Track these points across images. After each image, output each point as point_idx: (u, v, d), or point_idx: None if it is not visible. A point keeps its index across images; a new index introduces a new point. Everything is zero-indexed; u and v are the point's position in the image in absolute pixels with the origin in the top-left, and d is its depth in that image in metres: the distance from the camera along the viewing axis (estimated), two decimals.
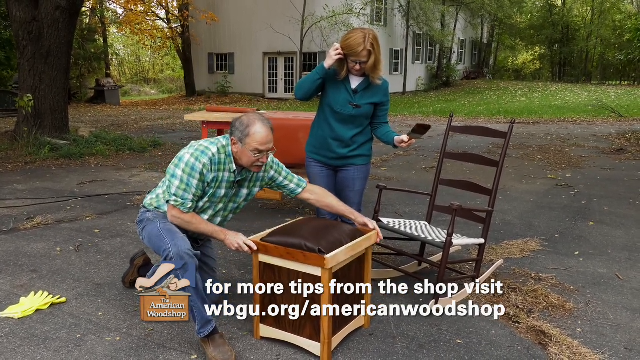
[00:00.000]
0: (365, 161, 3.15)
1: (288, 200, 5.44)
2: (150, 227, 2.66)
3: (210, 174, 2.56)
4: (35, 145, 8.09)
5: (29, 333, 2.68)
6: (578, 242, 4.16)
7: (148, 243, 2.68)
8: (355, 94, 2.99)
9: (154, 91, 33.82)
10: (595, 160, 7.85)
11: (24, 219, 4.68)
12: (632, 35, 12.54)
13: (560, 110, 16.46)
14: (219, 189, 2.64)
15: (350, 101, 2.98)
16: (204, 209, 2.68)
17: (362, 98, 2.99)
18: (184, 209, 2.56)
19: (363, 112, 3.01)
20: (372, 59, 2.85)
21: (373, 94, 3.01)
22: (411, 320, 2.83)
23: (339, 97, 2.99)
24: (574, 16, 36.54)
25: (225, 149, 2.60)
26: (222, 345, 2.45)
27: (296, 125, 4.52)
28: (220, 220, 2.78)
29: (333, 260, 2.35)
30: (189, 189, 2.53)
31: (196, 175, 2.52)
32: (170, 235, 2.53)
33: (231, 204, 2.78)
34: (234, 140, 2.55)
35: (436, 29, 25.16)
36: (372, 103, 3.02)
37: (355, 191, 3.15)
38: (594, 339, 2.66)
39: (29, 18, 8.17)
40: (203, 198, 2.63)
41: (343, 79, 2.99)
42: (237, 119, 2.57)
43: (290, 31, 22.00)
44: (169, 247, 2.46)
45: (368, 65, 2.88)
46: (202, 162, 2.52)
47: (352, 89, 2.99)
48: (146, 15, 22.36)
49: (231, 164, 2.61)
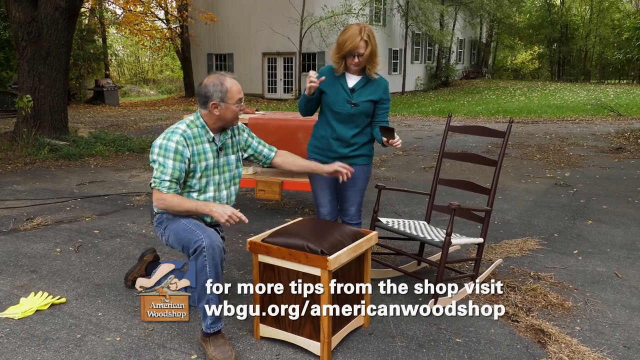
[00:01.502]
0: (367, 161, 3.15)
1: (287, 201, 5.45)
2: (174, 225, 2.64)
3: (187, 148, 2.61)
4: (35, 146, 8.09)
5: (29, 333, 2.68)
6: (577, 241, 4.16)
7: (175, 240, 2.64)
8: (353, 93, 2.99)
9: (153, 92, 33.81)
10: (594, 159, 7.86)
11: (23, 219, 4.69)
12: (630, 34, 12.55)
13: (559, 109, 16.47)
14: (206, 160, 2.68)
15: (348, 100, 2.99)
16: (205, 185, 2.71)
17: (360, 96, 2.99)
18: (162, 188, 2.57)
19: (362, 110, 3.00)
20: (369, 49, 2.87)
21: (371, 91, 3.01)
22: (410, 320, 2.84)
23: (337, 97, 3.01)
24: (572, 15, 36.55)
25: (195, 122, 2.69)
26: (222, 345, 2.45)
27: (295, 125, 4.53)
28: (225, 193, 2.81)
29: (335, 261, 2.36)
30: (166, 169, 2.58)
31: (170, 154, 2.58)
32: (200, 228, 2.54)
33: (226, 173, 2.81)
34: (215, 103, 2.61)
35: (435, 28, 25.17)
36: (371, 100, 3.01)
37: (356, 190, 3.15)
38: (593, 337, 2.66)
39: (28, 19, 8.17)
40: (196, 175, 2.66)
41: (340, 79, 3.01)
42: (204, 86, 2.64)
43: (289, 31, 22.01)
44: (201, 238, 2.46)
45: (364, 57, 2.89)
46: (174, 141, 2.59)
47: (349, 88, 3.00)
48: (145, 16, 22.35)
49: (208, 134, 2.68)
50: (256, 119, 4.59)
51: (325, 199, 3.19)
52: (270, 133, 4.55)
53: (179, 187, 2.63)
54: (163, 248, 3.90)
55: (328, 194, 3.19)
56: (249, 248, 2.54)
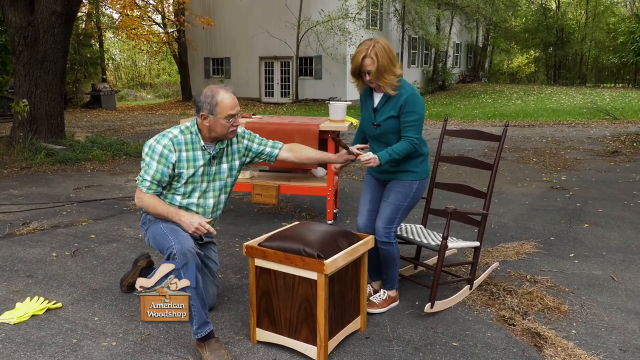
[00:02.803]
0: (411, 177, 2.94)
1: (284, 205, 5.45)
2: (153, 228, 2.70)
3: (173, 154, 2.63)
4: (31, 151, 8.07)
5: (25, 338, 2.67)
6: (573, 244, 4.18)
7: (153, 243, 2.71)
8: (376, 112, 2.92)
9: (150, 96, 33.79)
10: (590, 163, 7.88)
11: (19, 224, 4.67)
12: (625, 38, 12.59)
13: (555, 113, 16.53)
14: (194, 168, 2.69)
15: (372, 122, 2.93)
16: (190, 191, 2.73)
17: (382, 115, 2.88)
18: (142, 187, 2.65)
19: (386, 129, 2.88)
20: (375, 66, 2.74)
21: (391, 107, 2.85)
22: (407, 323, 2.84)
23: (365, 118, 3.00)
24: (568, 19, 36.74)
25: (190, 129, 2.71)
26: (218, 349, 2.45)
27: (292, 129, 4.53)
28: (213, 201, 2.82)
29: (332, 265, 2.36)
30: (149, 170, 2.64)
31: (156, 156, 2.62)
32: (174, 233, 2.56)
33: (217, 182, 2.81)
34: (204, 114, 2.63)
35: (431, 32, 25.26)
36: (392, 117, 2.85)
37: (387, 202, 2.94)
38: (589, 341, 2.67)
39: (24, 23, 8.17)
40: (181, 180, 2.68)
41: (369, 99, 2.97)
42: (199, 95, 2.66)
43: (286, 36, 22.05)
44: (172, 245, 2.49)
45: (372, 74, 2.77)
46: (162, 144, 2.63)
47: (373, 108, 2.94)
48: (142, 20, 22.35)
49: (200, 142, 2.69)
50: (253, 123, 4.60)
51: (364, 207, 3.06)
52: (266, 137, 4.55)
53: (160, 189, 2.68)
54: (157, 253, 3.89)
55: (369, 202, 3.06)
56: (245, 252, 2.54)
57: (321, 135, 4.58)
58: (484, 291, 3.24)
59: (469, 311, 2.99)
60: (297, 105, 21.23)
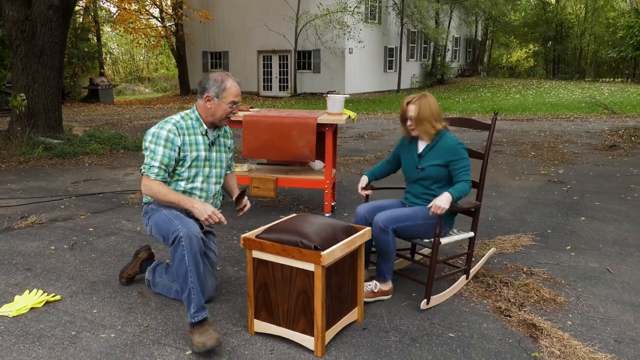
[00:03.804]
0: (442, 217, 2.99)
1: (282, 197, 5.46)
2: (156, 215, 2.72)
3: (178, 137, 2.70)
4: (29, 145, 8.07)
5: (24, 331, 2.69)
6: (570, 237, 4.19)
7: (156, 231, 2.72)
8: (420, 158, 3.12)
9: (148, 90, 33.73)
10: (587, 157, 7.90)
11: (18, 218, 4.68)
12: (624, 33, 12.58)
13: (553, 107, 16.54)
14: (197, 151, 2.77)
15: (416, 165, 3.12)
16: (194, 175, 2.79)
17: (426, 161, 3.08)
18: (150, 174, 2.66)
19: (429, 175, 3.07)
20: (416, 111, 3.01)
21: (438, 155, 3.05)
22: (404, 315, 2.86)
23: (408, 162, 3.19)
24: (567, 13, 36.68)
25: (190, 115, 2.81)
26: (206, 331, 2.50)
27: (290, 123, 4.53)
28: (214, 187, 2.89)
29: (329, 257, 2.37)
30: (156, 156, 2.66)
31: (161, 142, 2.66)
32: (179, 218, 2.60)
33: (217, 169, 2.91)
34: (210, 96, 2.73)
35: (430, 26, 25.21)
36: (438, 165, 3.04)
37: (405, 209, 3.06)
38: (584, 332, 2.69)
39: (21, 17, 8.14)
40: (185, 164, 2.74)
41: (412, 145, 3.18)
42: (206, 79, 2.76)
43: (284, 29, 22.00)
44: (179, 228, 2.52)
45: (413, 119, 3.03)
46: (165, 129, 2.69)
47: (418, 153, 3.14)
48: (140, 14, 22.28)
49: (202, 127, 2.78)
50: (250, 117, 4.60)
51: (372, 203, 3.18)
52: (264, 131, 4.56)
53: (167, 175, 2.71)
54: (158, 245, 3.91)
55: (380, 203, 3.19)
56: (242, 244, 2.56)
57: (319, 128, 4.58)
58: (481, 283, 3.26)
59: (466, 303, 3.01)
60: (296, 99, 21.21)
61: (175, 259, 2.52)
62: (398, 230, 2.95)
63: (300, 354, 2.47)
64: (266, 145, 4.58)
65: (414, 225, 2.98)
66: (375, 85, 24.20)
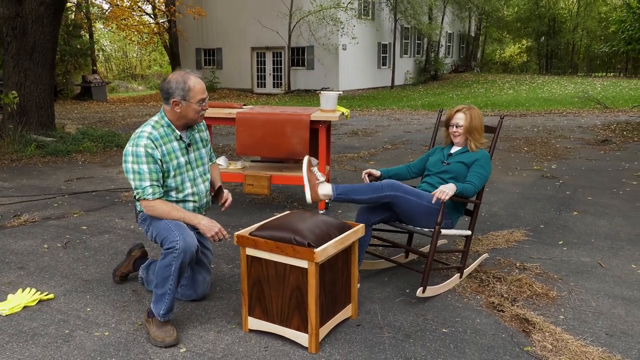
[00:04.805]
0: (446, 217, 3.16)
1: (276, 195, 5.46)
2: (156, 223, 2.67)
3: (156, 150, 2.62)
4: (21, 143, 8.02)
5: (17, 329, 2.68)
6: (562, 232, 4.22)
7: (157, 236, 2.68)
8: (450, 157, 3.28)
9: (141, 87, 33.55)
10: (580, 151, 7.94)
11: (10, 216, 4.66)
12: (616, 27, 12.65)
13: (546, 102, 16.60)
14: (177, 158, 2.71)
15: (443, 160, 3.28)
16: (181, 183, 2.74)
17: (454, 158, 3.24)
18: (146, 196, 2.60)
19: (451, 169, 3.18)
20: (467, 121, 3.19)
21: (465, 158, 3.20)
22: (398, 311, 2.87)
23: (436, 157, 3.33)
24: (560, 8, 36.78)
25: (160, 122, 2.69)
26: (164, 325, 2.55)
27: (283, 119, 4.53)
28: (203, 187, 2.86)
29: (322, 253, 2.38)
30: (143, 175, 2.59)
31: (142, 159, 2.58)
32: (179, 229, 2.58)
33: (200, 167, 2.86)
34: (176, 101, 2.63)
35: (424, 22, 25.22)
36: (462, 163, 3.18)
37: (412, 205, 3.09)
38: (576, 326, 2.71)
39: (12, 14, 8.07)
40: (170, 174, 2.68)
41: (445, 149, 3.34)
42: (167, 82, 2.63)
43: (278, 26, 21.93)
44: (177, 240, 2.51)
45: (464, 128, 3.19)
46: (142, 145, 2.58)
47: (448, 153, 3.30)
48: (132, 11, 22.14)
49: (175, 132, 2.70)
50: (244, 114, 4.59)
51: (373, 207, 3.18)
52: (258, 127, 4.56)
53: (161, 189, 2.66)
54: (151, 243, 3.90)
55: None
56: (236, 241, 2.56)
57: (312, 125, 4.58)
58: (474, 279, 3.28)
59: (459, 298, 3.03)
60: (290, 96, 21.18)
61: (163, 262, 2.54)
62: (402, 200, 2.98)
63: (295, 350, 2.48)
64: (260, 142, 4.58)
65: (419, 204, 3.01)
66: (369, 82, 24.19)
